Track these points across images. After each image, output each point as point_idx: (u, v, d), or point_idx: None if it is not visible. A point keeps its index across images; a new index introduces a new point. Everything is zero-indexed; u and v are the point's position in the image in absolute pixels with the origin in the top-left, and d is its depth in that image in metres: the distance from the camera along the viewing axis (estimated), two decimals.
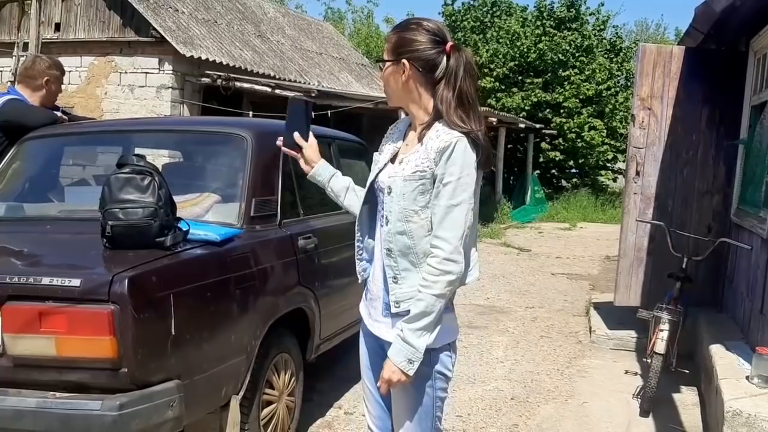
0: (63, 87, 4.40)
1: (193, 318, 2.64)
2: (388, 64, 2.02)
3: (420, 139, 2.00)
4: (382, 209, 2.04)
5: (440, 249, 1.91)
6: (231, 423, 2.90)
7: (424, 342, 1.93)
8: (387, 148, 2.13)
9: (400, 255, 1.97)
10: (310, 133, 2.17)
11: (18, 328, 2.37)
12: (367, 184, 2.11)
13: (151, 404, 2.39)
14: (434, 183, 1.93)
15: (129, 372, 2.36)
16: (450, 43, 1.99)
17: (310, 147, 2.18)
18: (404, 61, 1.98)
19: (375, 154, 2.18)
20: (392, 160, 2.08)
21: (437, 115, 1.97)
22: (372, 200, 2.13)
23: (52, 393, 2.38)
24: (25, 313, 2.36)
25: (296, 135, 2.14)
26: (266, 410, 3.24)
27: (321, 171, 2.21)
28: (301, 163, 2.20)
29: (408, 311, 1.95)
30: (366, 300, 2.18)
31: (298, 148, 2.17)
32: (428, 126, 1.98)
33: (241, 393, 2.97)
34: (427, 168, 1.93)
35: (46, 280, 2.36)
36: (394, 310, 1.99)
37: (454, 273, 1.92)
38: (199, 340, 2.68)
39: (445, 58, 1.97)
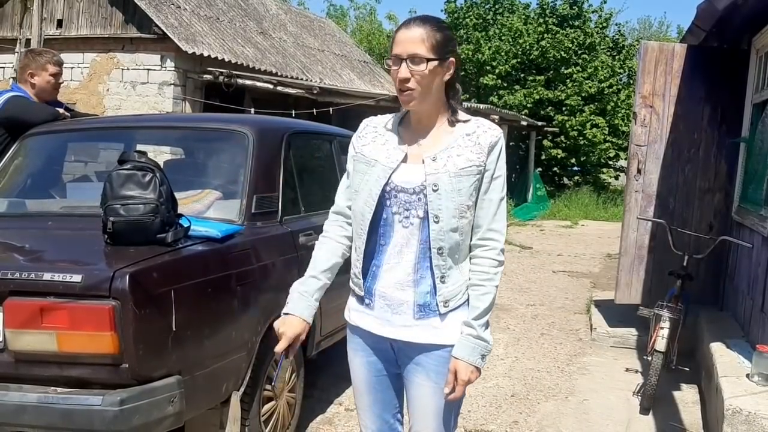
0: (65, 83, 4.33)
1: (194, 314, 2.64)
2: (433, 62, 1.91)
3: (440, 137, 1.98)
4: (415, 209, 1.94)
5: (496, 241, 1.98)
6: (232, 419, 2.91)
7: (489, 334, 1.99)
8: (384, 149, 2.01)
9: (449, 253, 1.95)
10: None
11: (19, 324, 2.37)
12: (378, 188, 1.97)
13: (151, 400, 2.40)
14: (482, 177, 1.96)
15: (130, 367, 2.37)
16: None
17: (293, 336, 2.04)
18: (453, 59, 1.96)
19: (356, 156, 2.06)
20: (404, 159, 1.98)
21: (452, 112, 2.01)
22: (380, 205, 1.99)
23: (53, 388, 2.39)
24: (26, 308, 2.37)
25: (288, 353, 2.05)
26: (267, 406, 3.25)
27: (305, 309, 2.07)
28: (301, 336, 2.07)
29: (454, 308, 1.97)
30: (373, 310, 2.03)
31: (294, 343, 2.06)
32: (453, 122, 1.99)
33: (242, 389, 2.97)
34: (482, 162, 1.95)
35: (47, 276, 2.36)
36: (443, 310, 1.96)
37: (504, 263, 2.02)
38: (200, 336, 2.68)
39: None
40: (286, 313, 2.07)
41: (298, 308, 2.07)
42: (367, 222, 1.99)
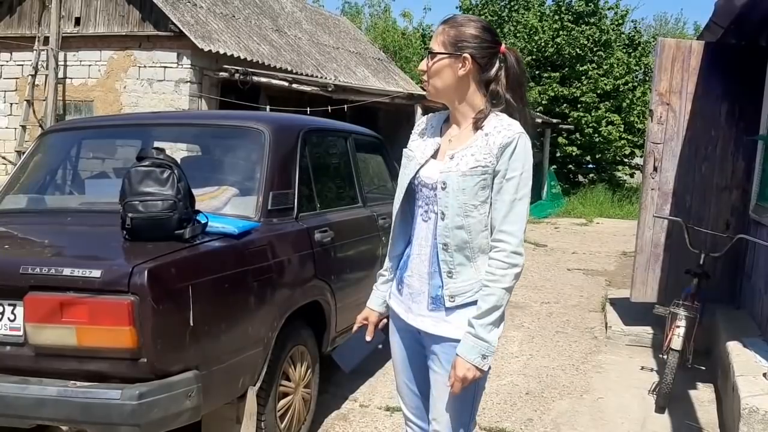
0: (84, 81, 4.37)
1: (211, 309, 2.67)
2: (442, 56, 2.00)
3: (465, 136, 2.03)
4: (432, 204, 2.05)
5: (507, 243, 1.95)
6: (248, 414, 2.94)
7: (495, 336, 1.97)
8: (423, 144, 2.12)
9: (456, 250, 1.99)
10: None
11: (40, 318, 2.41)
12: (407, 181, 2.10)
13: (169, 394, 2.43)
14: (494, 178, 1.97)
15: (148, 362, 2.40)
16: (504, 45, 2.05)
17: (361, 318, 2.31)
18: (466, 55, 1.98)
19: (405, 150, 2.16)
20: (434, 155, 2.09)
21: (488, 112, 2.02)
22: (410, 196, 2.13)
23: (72, 382, 2.42)
24: (46, 303, 2.40)
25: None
26: (282, 402, 3.27)
27: (373, 300, 2.30)
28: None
29: (464, 305, 2.00)
30: (401, 296, 2.17)
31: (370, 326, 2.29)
32: (479, 121, 2.01)
33: (258, 384, 3.00)
34: (489, 163, 1.96)
35: (67, 271, 2.39)
36: (449, 304, 2.02)
37: (519, 266, 1.97)
38: (217, 332, 2.71)
39: (498, 58, 2.02)
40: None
41: (370, 300, 2.30)
42: (395, 213, 2.14)
